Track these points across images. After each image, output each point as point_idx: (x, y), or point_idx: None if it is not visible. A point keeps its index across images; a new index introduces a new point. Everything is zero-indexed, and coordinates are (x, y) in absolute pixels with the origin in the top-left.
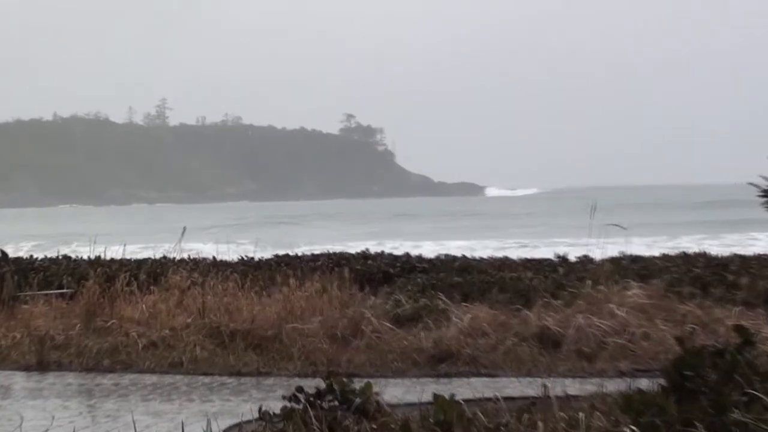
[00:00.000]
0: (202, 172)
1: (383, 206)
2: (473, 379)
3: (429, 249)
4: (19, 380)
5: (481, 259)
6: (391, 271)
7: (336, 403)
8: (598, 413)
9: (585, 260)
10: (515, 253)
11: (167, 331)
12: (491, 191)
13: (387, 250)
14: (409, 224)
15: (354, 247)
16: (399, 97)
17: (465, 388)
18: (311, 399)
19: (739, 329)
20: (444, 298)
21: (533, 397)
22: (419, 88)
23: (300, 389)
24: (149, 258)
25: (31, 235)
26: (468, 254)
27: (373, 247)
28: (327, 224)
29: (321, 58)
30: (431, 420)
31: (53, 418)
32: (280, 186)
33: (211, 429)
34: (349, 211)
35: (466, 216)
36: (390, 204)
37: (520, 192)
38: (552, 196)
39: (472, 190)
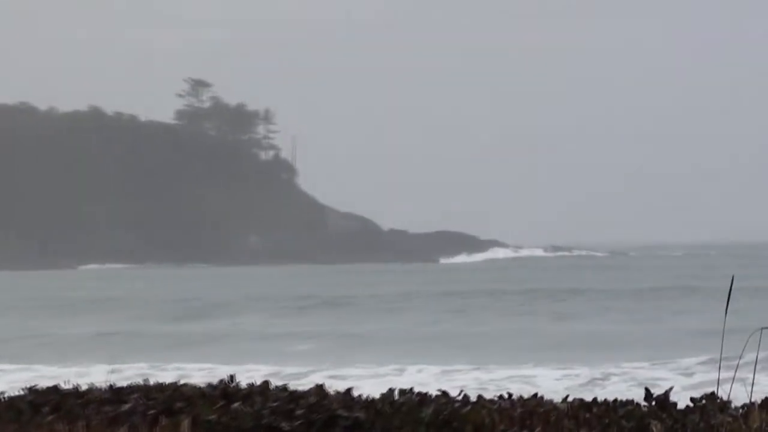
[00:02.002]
0: None
1: (272, 281)
2: None
3: (368, 379)
4: None
5: (480, 401)
6: (284, 426)
7: None
8: None
9: (708, 406)
10: (550, 387)
11: None
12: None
13: (275, 381)
14: (327, 322)
15: (199, 374)
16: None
17: None
18: None
19: None
20: None
21: None
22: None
23: None
24: None
25: None
26: (452, 389)
27: (245, 375)
28: (140, 321)
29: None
30: None
31: None
32: (38, 239)
33: None
34: (186, 291)
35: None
36: (287, 275)
37: (525, 252)
38: (579, 260)
39: (465, 245)
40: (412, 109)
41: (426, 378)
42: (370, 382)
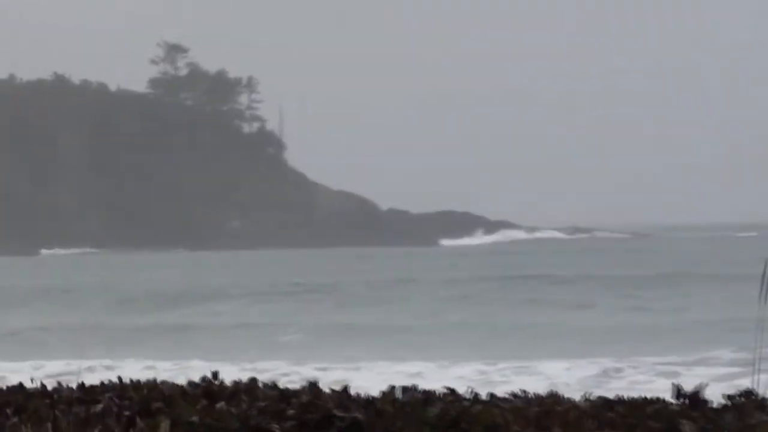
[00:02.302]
0: None
1: (256, 266)
2: None
3: (359, 372)
4: None
5: (492, 400)
6: (274, 427)
7: None
8: None
9: (746, 402)
10: (561, 380)
11: None
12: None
13: (263, 378)
14: (316, 311)
15: (168, 369)
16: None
17: None
18: None
19: None
20: None
21: None
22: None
23: None
24: None
25: None
26: (452, 382)
27: (225, 370)
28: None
29: None
30: None
31: None
32: None
33: None
34: (159, 278)
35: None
36: (273, 260)
37: (540, 234)
38: (598, 242)
39: (472, 226)
40: (414, 77)
41: (425, 371)
42: (361, 376)
